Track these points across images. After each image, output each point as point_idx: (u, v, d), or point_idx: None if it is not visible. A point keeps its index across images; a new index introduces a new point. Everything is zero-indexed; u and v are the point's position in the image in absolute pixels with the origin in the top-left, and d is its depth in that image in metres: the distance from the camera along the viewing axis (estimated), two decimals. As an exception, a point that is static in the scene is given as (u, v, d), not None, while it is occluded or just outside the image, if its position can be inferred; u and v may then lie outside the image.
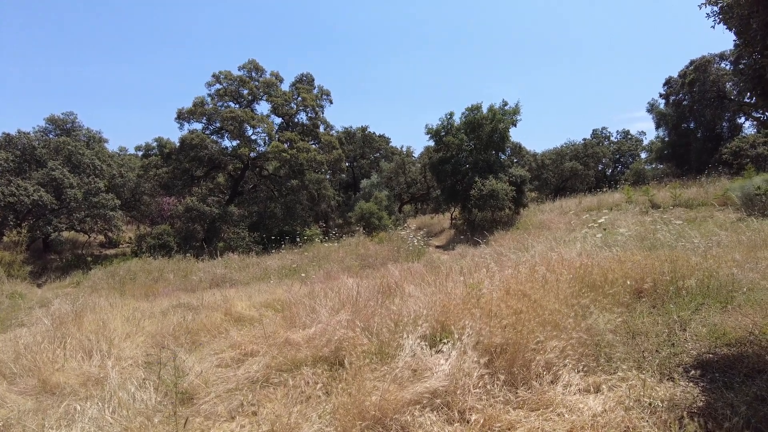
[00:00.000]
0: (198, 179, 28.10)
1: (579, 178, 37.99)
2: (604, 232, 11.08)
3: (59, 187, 22.22)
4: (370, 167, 39.25)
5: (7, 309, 11.34)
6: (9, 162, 22.09)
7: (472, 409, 3.48)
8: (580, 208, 23.51)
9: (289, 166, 26.54)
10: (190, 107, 26.57)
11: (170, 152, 26.40)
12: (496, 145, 26.44)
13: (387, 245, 18.77)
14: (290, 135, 27.22)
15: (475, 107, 26.69)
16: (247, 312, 7.66)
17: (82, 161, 24.48)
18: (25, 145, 23.65)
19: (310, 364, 4.74)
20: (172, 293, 12.04)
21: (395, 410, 3.45)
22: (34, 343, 6.31)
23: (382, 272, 10.52)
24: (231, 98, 27.69)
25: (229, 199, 28.42)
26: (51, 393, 5.06)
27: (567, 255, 7.52)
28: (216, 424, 3.70)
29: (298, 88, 29.50)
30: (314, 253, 18.31)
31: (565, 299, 4.92)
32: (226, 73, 27.53)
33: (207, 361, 5.29)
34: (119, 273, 16.75)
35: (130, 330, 7.10)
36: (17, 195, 20.59)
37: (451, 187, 26.50)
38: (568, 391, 3.64)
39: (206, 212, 24.51)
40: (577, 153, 38.99)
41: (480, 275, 6.24)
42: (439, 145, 28.07)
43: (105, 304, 9.16)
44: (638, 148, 42.75)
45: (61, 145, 24.56)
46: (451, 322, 4.63)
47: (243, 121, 25.99)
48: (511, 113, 26.49)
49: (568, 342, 4.14)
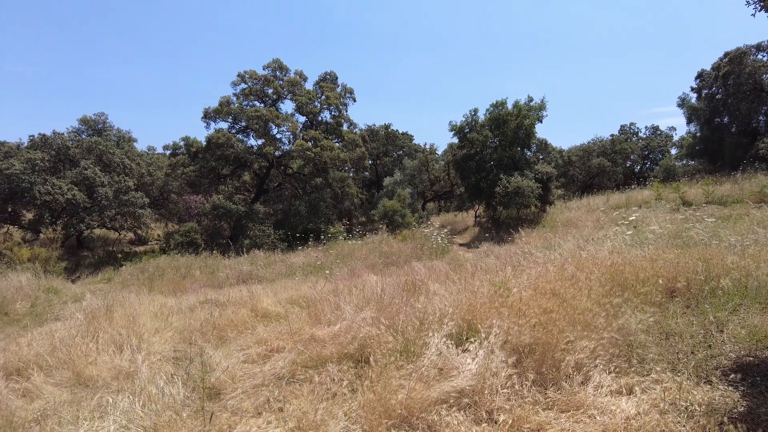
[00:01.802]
0: (224, 178, 28.49)
1: (606, 175, 37.20)
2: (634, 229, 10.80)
3: (91, 186, 22.84)
4: (394, 165, 39.19)
5: (44, 303, 11.70)
6: (45, 162, 22.80)
7: (500, 409, 3.42)
8: (608, 206, 23.00)
9: (313, 164, 26.71)
10: (216, 107, 26.96)
11: (197, 151, 26.85)
12: (521, 141, 26.06)
13: (410, 243, 18.72)
14: (314, 133, 27.37)
15: (500, 103, 26.36)
16: (273, 308, 7.72)
17: (112, 160, 25.10)
18: (60, 145, 24.37)
19: (335, 361, 4.73)
20: (199, 289, 12.23)
21: (422, 409, 3.42)
22: (68, 337, 6.49)
23: (405, 270, 10.48)
24: (256, 97, 27.99)
25: (255, 197, 28.76)
26: (85, 385, 5.19)
27: (596, 253, 7.35)
28: (243, 419, 3.72)
29: (321, 87, 29.64)
30: (338, 251, 18.37)
31: (596, 298, 4.80)
32: (251, 72, 27.83)
33: (233, 356, 5.34)
34: (148, 269, 17.13)
35: (158, 325, 7.23)
36: (53, 194, 21.25)
37: (475, 184, 26.24)
38: (600, 392, 3.54)
39: (232, 210, 24.84)
40: (605, 149, 38.18)
41: (507, 274, 6.14)
42: (463, 141, 27.83)
43: (134, 299, 9.36)
44: (668, 144, 41.63)
45: (93, 144, 25.22)
46: (477, 320, 4.57)
47: (268, 120, 26.25)
48: (537, 109, 26.07)
49: (599, 342, 4.03)
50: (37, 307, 11.35)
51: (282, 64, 28.68)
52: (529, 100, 26.17)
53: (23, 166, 21.59)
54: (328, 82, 30.22)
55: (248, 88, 27.68)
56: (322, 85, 29.70)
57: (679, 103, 34.82)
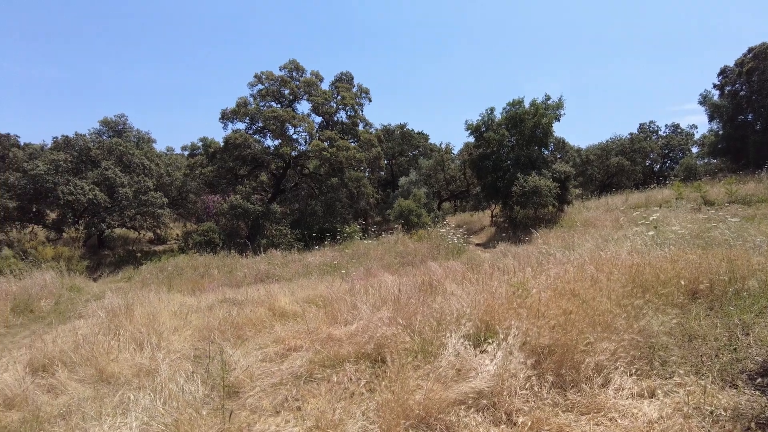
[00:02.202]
0: (242, 178, 28.78)
1: (625, 174, 36.68)
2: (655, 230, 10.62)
3: (112, 186, 23.28)
4: (409, 164, 39.16)
5: (67, 301, 11.95)
6: (68, 162, 23.30)
7: (519, 410, 3.39)
8: (627, 205, 22.68)
9: (329, 164, 26.84)
10: (234, 107, 27.25)
11: (215, 152, 27.16)
12: (538, 140, 25.85)
13: (426, 243, 18.68)
14: (330, 134, 27.48)
15: (517, 102, 26.17)
16: (290, 307, 7.76)
17: (132, 161, 25.54)
18: (82, 146, 24.87)
19: (352, 361, 4.75)
20: (217, 288, 12.37)
21: (440, 410, 3.41)
22: (91, 335, 6.62)
23: (422, 270, 10.47)
24: (273, 98, 28.21)
25: (272, 197, 29.00)
26: (107, 382, 5.29)
27: (616, 254, 7.25)
28: (261, 418, 3.75)
29: (337, 87, 29.75)
30: (354, 251, 18.42)
31: (616, 299, 4.73)
32: (268, 73, 28.05)
33: (252, 355, 5.38)
34: (167, 269, 17.38)
35: (177, 324, 7.33)
36: (75, 194, 21.70)
37: (491, 183, 26.07)
38: (621, 395, 3.49)
39: (250, 210, 25.07)
40: (624, 148, 37.64)
41: (525, 274, 6.09)
42: (479, 141, 27.68)
43: (154, 298, 9.50)
44: (689, 143, 40.85)
45: (113, 145, 25.70)
46: (495, 321, 4.54)
47: (284, 121, 26.44)
48: (554, 108, 25.83)
49: (619, 344, 3.97)
50: (61, 305, 11.59)
51: (298, 64, 28.86)
52: (546, 98, 25.94)
53: (47, 167, 22.10)
54: (344, 82, 30.32)
55: (265, 89, 27.91)
56: (338, 86, 29.81)
57: (701, 101, 34.13)
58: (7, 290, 11.03)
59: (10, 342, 8.32)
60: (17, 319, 9.98)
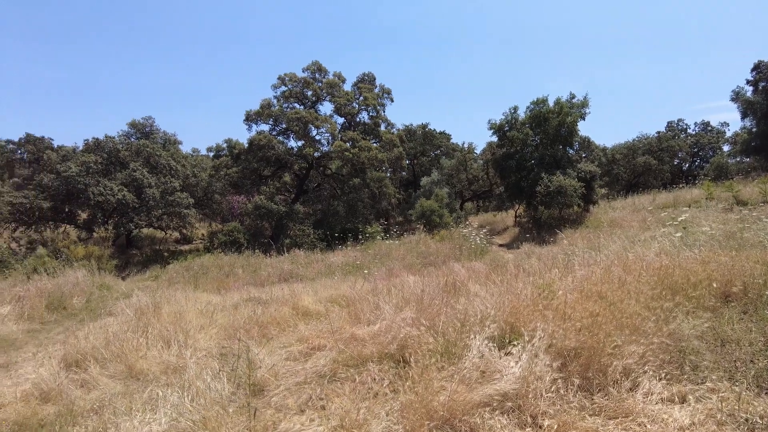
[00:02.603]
0: (266, 178, 29.13)
1: (652, 174, 35.84)
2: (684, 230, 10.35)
3: (140, 187, 23.84)
4: (431, 164, 39.00)
5: (97, 299, 12.27)
6: (98, 164, 23.97)
7: (544, 414, 3.35)
8: (655, 206, 22.16)
9: (351, 164, 26.96)
10: (258, 109, 27.59)
11: (239, 153, 27.56)
12: (563, 139, 25.48)
13: (448, 243, 18.61)
14: (352, 134, 27.60)
15: (541, 101, 25.85)
16: (314, 307, 7.82)
17: (159, 162, 26.11)
18: (111, 148, 25.55)
19: (375, 361, 4.76)
20: (242, 287, 12.54)
21: (464, 411, 3.39)
22: (120, 332, 6.79)
23: (444, 270, 10.42)
24: (296, 100, 28.47)
25: (295, 197, 29.28)
26: (136, 378, 5.42)
27: (644, 255, 7.09)
28: (287, 416, 3.78)
29: (359, 88, 29.85)
30: (376, 251, 18.46)
31: (644, 302, 4.63)
32: (291, 75, 28.33)
33: (276, 354, 5.45)
34: (193, 268, 17.70)
35: (203, 322, 7.45)
36: (105, 194, 22.31)
37: (515, 183, 25.81)
38: (650, 399, 3.41)
39: (274, 210, 25.37)
40: (651, 147, 36.79)
41: (551, 275, 6.01)
42: (502, 140, 27.44)
43: (181, 297, 9.68)
44: (720, 141, 39.62)
45: (141, 147, 26.32)
46: (520, 323, 4.49)
47: (307, 122, 26.66)
48: (579, 106, 25.44)
49: (648, 347, 3.88)
50: (92, 303, 11.91)
51: (321, 66, 29.06)
52: (571, 97, 25.57)
53: (78, 169, 22.78)
54: (366, 83, 30.41)
55: (288, 91, 28.19)
56: (360, 86, 29.91)
57: (733, 97, 33.02)
58: (42, 288, 11.38)
59: (45, 338, 8.59)
60: (51, 316, 10.29)
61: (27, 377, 5.84)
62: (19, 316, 9.76)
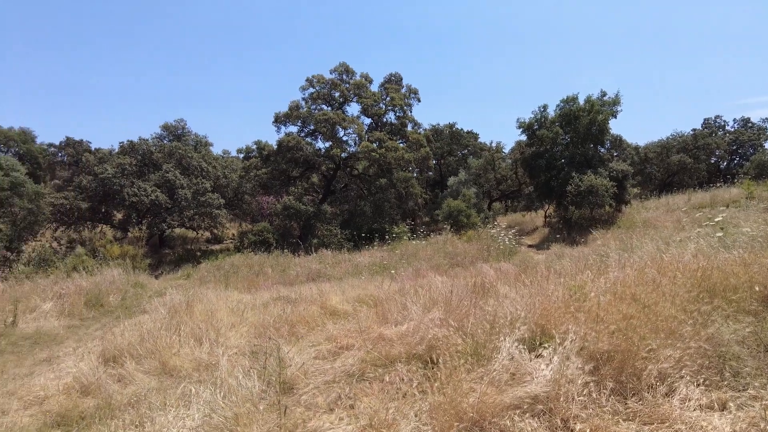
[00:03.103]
0: (294, 179, 29.46)
1: (688, 173, 34.70)
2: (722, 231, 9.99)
3: (172, 188, 24.44)
4: (458, 164, 38.72)
5: (132, 297, 12.65)
6: (132, 166, 24.71)
7: (576, 417, 3.29)
8: (690, 205, 21.49)
9: (377, 165, 27.02)
10: (286, 111, 27.91)
11: (269, 154, 27.94)
12: (594, 138, 24.97)
13: (476, 244, 18.45)
14: (379, 135, 27.65)
15: (571, 99, 25.39)
16: (341, 306, 7.88)
17: (191, 164, 26.71)
18: (145, 150, 26.29)
19: (403, 361, 4.75)
20: (271, 286, 12.71)
21: (494, 414, 3.36)
22: (154, 329, 6.98)
23: (472, 271, 10.34)
24: (324, 101, 28.69)
25: (323, 197, 29.52)
26: (169, 374, 5.57)
27: (679, 256, 6.87)
28: (316, 414, 3.82)
29: (386, 89, 29.88)
30: (402, 251, 18.44)
31: (680, 305, 4.49)
32: (319, 77, 28.56)
33: (305, 352, 5.50)
34: (224, 267, 18.03)
35: (234, 320, 7.60)
36: (139, 195, 22.97)
37: (545, 183, 25.43)
38: (687, 406, 3.31)
39: (302, 210, 25.64)
40: (686, 145, 35.63)
41: (582, 277, 5.90)
42: (531, 139, 27.08)
43: (212, 295, 9.88)
44: (761, 138, 38.02)
45: (173, 149, 26.98)
46: (551, 325, 4.42)
47: (335, 123, 26.84)
48: (611, 104, 24.88)
49: (685, 351, 3.76)
50: (127, 300, 12.28)
51: (348, 67, 29.20)
52: (602, 94, 25.04)
53: (114, 171, 23.54)
54: (393, 83, 30.42)
55: (316, 92, 28.43)
56: (387, 87, 29.94)
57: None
58: (80, 285, 11.80)
59: (84, 333, 8.91)
60: (90, 312, 10.66)
61: (68, 371, 6.07)
62: (60, 313, 10.15)
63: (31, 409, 4.94)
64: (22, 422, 4.57)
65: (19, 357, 7.33)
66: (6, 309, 9.50)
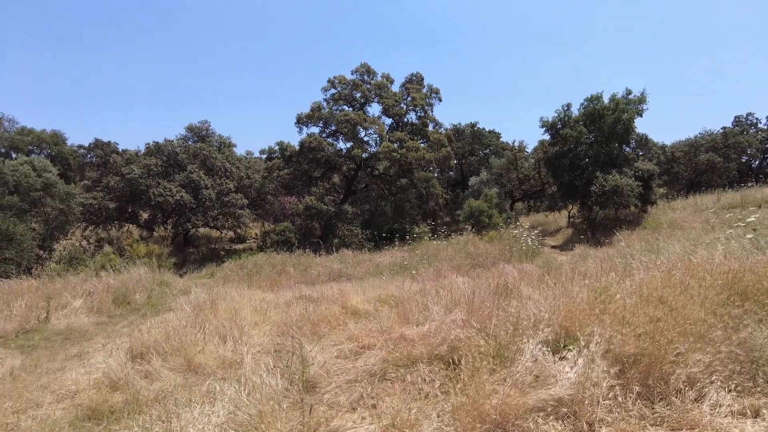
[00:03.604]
0: (316, 180, 29.70)
1: (717, 172, 33.74)
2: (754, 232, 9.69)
3: (196, 188, 24.89)
4: (480, 164, 38.43)
5: (158, 295, 12.91)
6: (158, 167, 25.23)
7: (601, 421, 3.24)
8: (719, 206, 20.92)
9: (398, 165, 27.03)
10: (308, 112, 28.15)
11: (291, 155, 28.22)
12: (619, 137, 24.52)
13: (498, 244, 18.27)
14: (400, 135, 27.66)
15: (595, 97, 24.98)
16: (362, 306, 7.89)
17: (215, 164, 27.16)
18: (170, 151, 26.83)
19: (425, 362, 4.75)
20: (293, 286, 12.82)
21: (517, 416, 3.33)
22: (180, 327, 7.10)
23: (494, 272, 10.25)
24: (345, 102, 28.84)
25: (344, 198, 29.67)
26: (194, 372, 5.67)
27: (708, 258, 6.69)
28: (338, 413, 3.85)
29: (407, 88, 29.86)
30: (423, 251, 18.39)
31: (710, 308, 4.37)
32: (340, 77, 28.71)
33: (327, 351, 5.54)
34: (247, 266, 18.24)
35: (257, 319, 7.68)
36: (164, 195, 23.45)
37: (568, 182, 25.07)
38: (718, 412, 3.22)
39: (323, 210, 25.83)
40: (715, 143, 34.66)
41: (607, 278, 5.79)
42: (555, 138, 26.73)
43: (235, 294, 10.00)
44: (796, 135, 36.78)
45: (197, 150, 27.47)
46: (576, 328, 4.35)
47: (356, 124, 26.95)
48: (636, 102, 24.38)
49: (715, 356, 3.66)
50: (153, 298, 12.53)
51: (369, 68, 29.29)
52: (627, 93, 24.56)
53: (140, 171, 24.09)
54: (414, 83, 30.39)
55: (337, 93, 28.60)
56: (408, 87, 29.92)
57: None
58: (108, 283, 12.09)
59: (112, 330, 9.13)
60: (117, 310, 10.92)
61: (98, 366, 6.22)
62: (90, 309, 10.42)
63: (63, 402, 5.09)
64: (56, 415, 4.71)
65: (51, 352, 7.55)
66: (39, 305, 9.79)
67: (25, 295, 10.30)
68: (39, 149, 43.52)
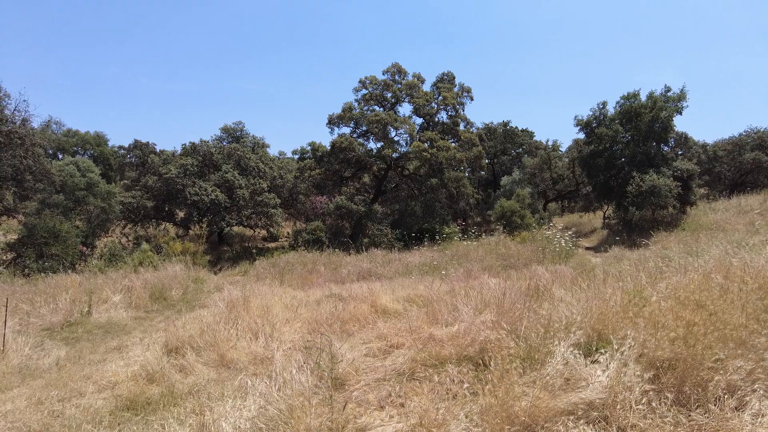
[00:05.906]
0: (346, 179, 29.93)
1: (764, 172, 32.18)
2: (803, 235, 9.24)
3: (231, 188, 25.42)
4: (512, 163, 37.93)
5: (193, 292, 13.25)
6: (194, 167, 25.90)
7: (634, 427, 3.16)
8: (765, 207, 20.00)
9: (429, 165, 26.92)
10: (339, 113, 28.37)
11: (322, 155, 28.54)
12: (657, 135, 23.79)
13: (530, 245, 17.99)
14: (431, 134, 27.55)
15: (632, 95, 24.31)
16: (391, 305, 7.91)
17: (248, 165, 27.68)
18: (206, 151, 27.48)
19: (454, 362, 4.74)
20: (324, 284, 12.94)
21: (546, 419, 3.29)
22: (213, 323, 7.29)
23: (526, 274, 10.11)
24: (376, 102, 28.93)
25: (374, 197, 29.77)
26: (227, 367, 5.81)
27: (751, 261, 6.43)
28: (367, 411, 3.87)
29: (439, 88, 29.72)
30: (453, 251, 18.26)
31: (752, 313, 4.21)
32: (372, 78, 28.83)
33: (356, 349, 5.58)
34: (279, 264, 18.51)
35: (289, 316, 7.80)
36: (199, 194, 24.06)
37: (604, 182, 24.49)
38: (761, 422, 3.09)
39: (353, 210, 25.99)
40: (762, 141, 33.07)
41: (642, 281, 5.65)
42: (590, 137, 26.16)
43: (267, 291, 10.19)
44: None
45: (232, 150, 28.05)
46: (609, 331, 4.26)
47: (387, 124, 26.99)
48: (676, 100, 23.61)
49: (758, 363, 3.53)
50: (188, 295, 12.88)
51: (401, 67, 29.29)
52: (666, 90, 23.82)
53: (177, 171, 24.78)
54: (445, 82, 30.20)
55: (368, 94, 28.71)
56: (440, 86, 29.77)
57: None
58: (146, 279, 12.50)
59: (149, 325, 9.44)
60: (154, 305, 11.27)
61: (136, 359, 6.45)
62: (128, 305, 10.80)
63: (104, 392, 5.31)
64: (97, 404, 4.92)
65: (93, 344, 7.87)
66: (82, 300, 10.21)
67: (70, 290, 10.74)
68: (83, 150, 45.38)
